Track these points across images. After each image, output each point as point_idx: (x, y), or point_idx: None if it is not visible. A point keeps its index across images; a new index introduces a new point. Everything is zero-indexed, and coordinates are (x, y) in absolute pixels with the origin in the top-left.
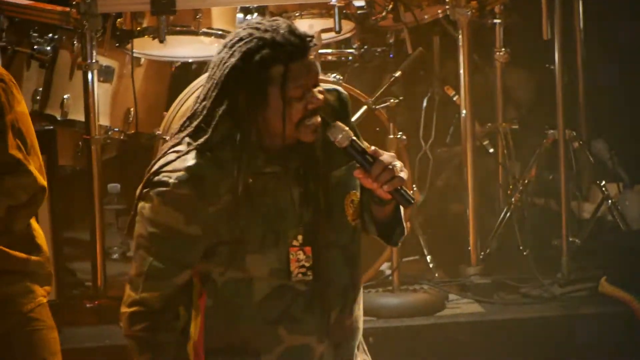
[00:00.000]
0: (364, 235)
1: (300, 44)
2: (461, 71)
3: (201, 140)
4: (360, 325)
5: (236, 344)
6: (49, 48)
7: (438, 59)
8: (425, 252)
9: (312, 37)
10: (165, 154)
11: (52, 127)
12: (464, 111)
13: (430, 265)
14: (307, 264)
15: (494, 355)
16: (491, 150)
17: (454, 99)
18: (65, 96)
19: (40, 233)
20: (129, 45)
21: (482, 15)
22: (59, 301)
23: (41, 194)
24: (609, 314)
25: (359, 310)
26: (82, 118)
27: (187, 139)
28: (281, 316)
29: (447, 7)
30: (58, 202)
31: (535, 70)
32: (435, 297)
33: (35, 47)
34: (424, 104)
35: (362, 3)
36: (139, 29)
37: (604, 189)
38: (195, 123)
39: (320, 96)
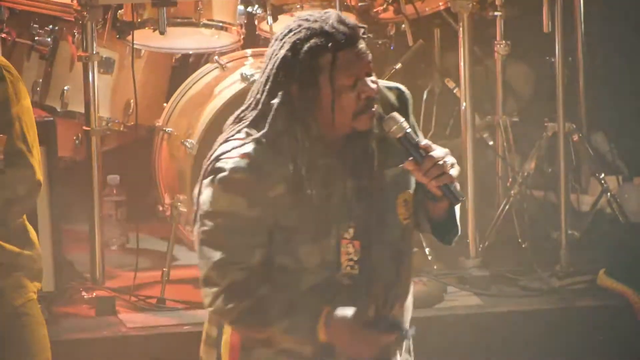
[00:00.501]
0: None
1: (350, 32)
2: (462, 63)
3: (259, 131)
4: (402, 322)
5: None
6: (49, 39)
7: (438, 52)
8: (424, 244)
9: (363, 27)
10: (221, 144)
11: (52, 118)
12: (464, 103)
13: (429, 258)
14: (355, 258)
15: (492, 348)
16: (491, 142)
17: (454, 91)
18: (65, 87)
19: (31, 228)
20: (129, 37)
21: (483, 7)
22: (57, 292)
23: (37, 188)
24: (607, 307)
25: (401, 308)
26: (82, 109)
27: (245, 130)
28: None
29: None
30: (57, 193)
31: (536, 63)
32: (434, 289)
33: (35, 38)
34: (424, 96)
35: None
36: (139, 20)
37: (603, 181)
38: (252, 115)
39: (374, 85)
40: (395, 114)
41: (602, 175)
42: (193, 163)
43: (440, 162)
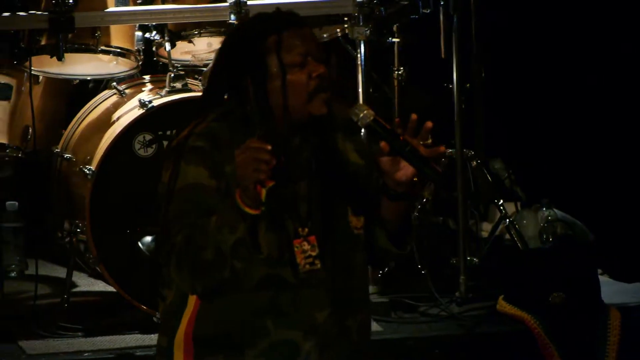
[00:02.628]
0: None
1: (292, 17)
2: (360, 89)
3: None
4: (357, 340)
5: (222, 336)
6: None
7: (336, 78)
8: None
9: (295, 13)
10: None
11: None
12: (362, 130)
13: None
14: (313, 253)
15: None
16: None
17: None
18: None
19: None
20: (27, 63)
21: (380, 34)
22: None
23: None
24: (507, 333)
25: (356, 324)
26: None
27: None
28: (269, 307)
29: (345, 26)
30: None
31: (433, 89)
32: None
33: None
34: None
35: None
36: (37, 46)
37: (501, 207)
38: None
39: (325, 67)
40: (360, 103)
41: (501, 201)
42: (92, 189)
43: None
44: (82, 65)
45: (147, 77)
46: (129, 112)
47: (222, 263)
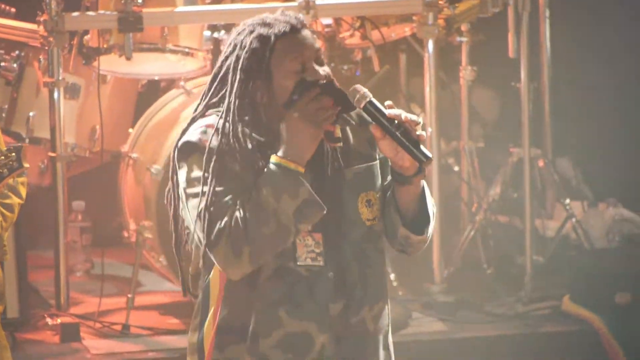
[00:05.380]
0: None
1: (291, 20)
2: (427, 89)
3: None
4: (374, 330)
5: (239, 326)
6: (15, 65)
7: (404, 77)
8: (389, 270)
9: (302, 17)
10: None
11: (20, 144)
12: (429, 129)
13: (394, 284)
14: (317, 250)
15: None
16: (456, 168)
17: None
18: (31, 113)
19: None
20: (95, 63)
21: (449, 33)
22: (22, 318)
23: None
24: (572, 333)
25: (371, 313)
26: (48, 135)
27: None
28: (282, 298)
29: (414, 25)
30: (22, 219)
31: (501, 89)
32: (399, 314)
33: (1, 64)
34: None
35: (330, 21)
36: (105, 46)
37: (568, 207)
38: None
39: (325, 71)
40: (357, 86)
41: (567, 200)
42: (159, 189)
43: (407, 122)
44: (150, 65)
45: None
46: None
47: (286, 233)
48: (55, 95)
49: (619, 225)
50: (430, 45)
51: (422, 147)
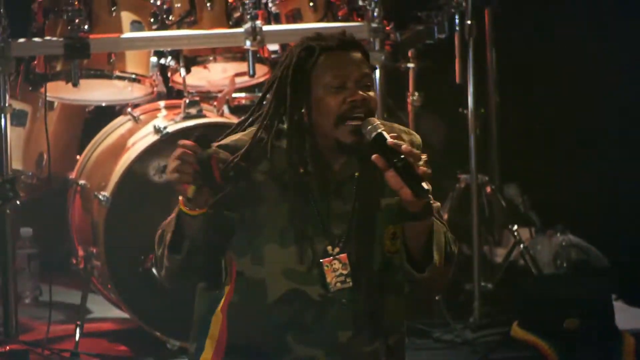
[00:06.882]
0: None
1: (344, 38)
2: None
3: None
4: None
5: (247, 345)
6: None
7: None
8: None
9: (356, 40)
10: None
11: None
12: None
13: None
14: (344, 272)
15: None
16: None
17: None
18: None
19: None
20: (42, 89)
21: (396, 59)
22: None
23: None
24: (521, 359)
25: (385, 344)
26: None
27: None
28: (290, 322)
29: None
30: None
31: (448, 115)
32: None
33: None
34: None
35: (276, 47)
36: (52, 72)
37: (516, 233)
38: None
39: (365, 95)
40: (372, 118)
41: (515, 227)
42: (106, 216)
43: (410, 158)
44: (97, 91)
45: (161, 103)
46: (144, 138)
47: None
48: (2, 122)
49: (567, 251)
50: (377, 71)
51: (423, 183)
